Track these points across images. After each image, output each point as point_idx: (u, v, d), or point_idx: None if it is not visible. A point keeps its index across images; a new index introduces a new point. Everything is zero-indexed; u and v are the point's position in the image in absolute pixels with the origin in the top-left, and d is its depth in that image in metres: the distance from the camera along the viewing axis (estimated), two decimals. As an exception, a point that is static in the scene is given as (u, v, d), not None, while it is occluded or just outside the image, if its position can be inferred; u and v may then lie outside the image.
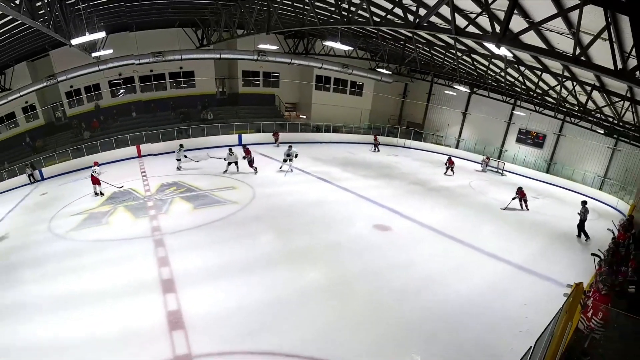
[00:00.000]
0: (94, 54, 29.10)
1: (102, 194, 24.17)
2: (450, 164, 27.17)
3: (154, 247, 16.57)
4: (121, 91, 42.21)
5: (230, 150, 28.38)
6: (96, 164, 24.30)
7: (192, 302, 12.30)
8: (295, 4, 20.89)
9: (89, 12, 23.44)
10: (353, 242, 17.28)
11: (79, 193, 26.41)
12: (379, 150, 37.04)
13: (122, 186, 23.76)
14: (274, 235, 17.89)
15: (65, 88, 40.03)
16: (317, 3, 19.73)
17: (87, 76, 36.99)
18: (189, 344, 10.40)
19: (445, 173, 26.84)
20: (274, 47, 33.84)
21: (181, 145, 30.81)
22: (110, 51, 29.66)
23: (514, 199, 24.49)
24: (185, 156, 30.48)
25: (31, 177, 34.77)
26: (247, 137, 38.12)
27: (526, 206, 25.04)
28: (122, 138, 36.01)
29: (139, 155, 35.70)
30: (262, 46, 33.67)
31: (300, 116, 47.38)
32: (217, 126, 38.39)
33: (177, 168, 30.10)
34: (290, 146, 29.21)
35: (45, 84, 35.04)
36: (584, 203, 20.71)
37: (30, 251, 18.37)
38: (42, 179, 35.07)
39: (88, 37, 20.63)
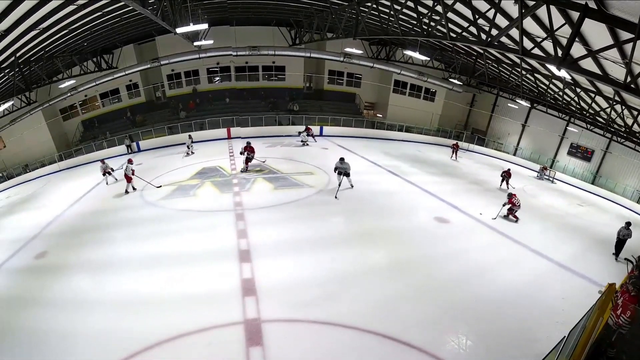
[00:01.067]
0: (195, 43, 31.58)
1: (134, 189, 24.01)
2: (507, 176, 27.56)
3: (235, 220, 17.75)
4: (217, 78, 45.85)
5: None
6: (130, 161, 24.84)
7: (264, 272, 13.25)
8: (381, 15, 21.62)
9: (194, 4, 25.19)
10: (414, 229, 18.11)
11: (171, 166, 28.75)
12: (456, 159, 37.27)
13: (160, 186, 23.60)
14: (344, 217, 18.84)
15: (167, 71, 44.15)
16: (400, 16, 20.72)
17: (188, 62, 40.11)
18: (259, 309, 11.23)
19: (499, 187, 27.19)
20: (359, 52, 35.42)
21: (190, 137, 33.40)
22: (211, 42, 31.76)
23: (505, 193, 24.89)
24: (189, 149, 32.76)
25: (129, 148, 37.71)
26: (327, 129, 40.47)
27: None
28: (214, 120, 39.02)
29: (229, 137, 38.44)
30: (348, 50, 35.38)
31: (377, 115, 49.28)
32: (302, 117, 40.75)
33: (187, 154, 32.39)
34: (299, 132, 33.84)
35: (149, 65, 38.01)
36: (628, 225, 19.48)
37: (123, 214, 20.40)
38: (139, 150, 38.13)
39: (192, 27, 22.24)
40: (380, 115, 48.88)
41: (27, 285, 14.43)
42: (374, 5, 21.04)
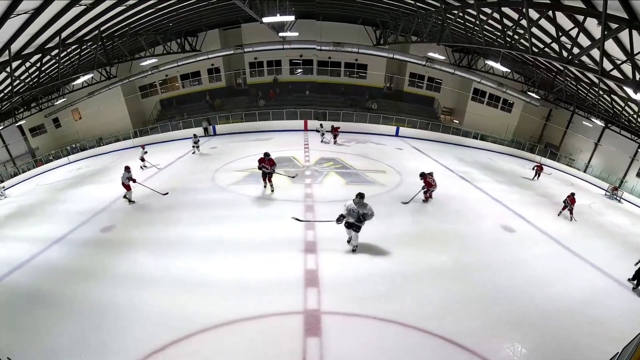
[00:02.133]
0: (280, 34, 32.45)
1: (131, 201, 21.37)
2: (571, 203, 26.30)
3: (304, 211, 17.77)
4: (299, 70, 46.81)
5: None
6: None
7: (328, 265, 13.24)
8: (466, 23, 21.67)
9: (283, -4, 25.52)
10: (480, 235, 17.80)
11: (244, 153, 29.21)
12: (537, 179, 34.79)
13: (167, 193, 21.81)
14: (411, 218, 18.56)
15: (250, 59, 45.51)
16: (485, 26, 20.61)
17: (271, 52, 41.38)
18: (320, 301, 11.31)
19: (559, 213, 26.14)
20: (442, 57, 36.11)
21: (195, 135, 33.05)
22: (296, 34, 32.94)
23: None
24: (195, 145, 32.33)
25: (206, 131, 38.86)
26: (403, 130, 40.71)
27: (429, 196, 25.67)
28: (292, 111, 39.88)
29: (305, 129, 39.11)
30: (431, 54, 35.73)
31: (454, 120, 49.24)
32: (380, 116, 41.17)
33: (192, 153, 32.20)
34: (321, 125, 33.27)
35: (232, 52, 39.16)
36: None
37: (192, 196, 20.96)
38: (215, 134, 39.37)
39: (278, 18, 22.93)
40: (457, 121, 48.77)
41: (90, 258, 15.04)
42: (460, 14, 21.17)
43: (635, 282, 15.49)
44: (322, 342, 9.88)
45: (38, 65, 21.86)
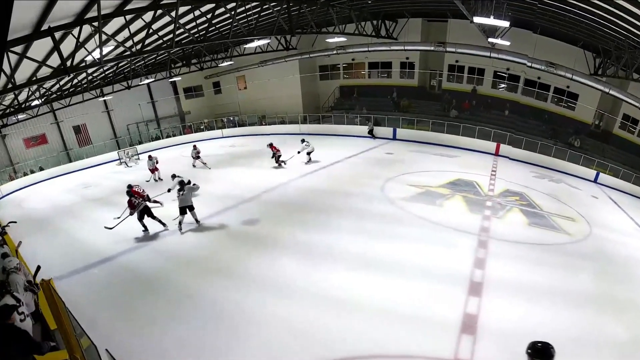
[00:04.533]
0: (490, 39, 29.69)
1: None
2: None
3: (476, 245, 16.37)
4: (502, 85, 41.64)
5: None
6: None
7: (492, 311, 12.05)
8: None
9: (501, -2, 23.05)
10: None
11: (423, 165, 27.58)
12: None
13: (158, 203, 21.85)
14: (593, 276, 15.89)
15: (450, 60, 41.72)
16: None
17: (475, 58, 37.15)
18: (474, 352, 10.26)
19: None
20: None
21: (194, 146, 32.55)
22: (507, 43, 29.79)
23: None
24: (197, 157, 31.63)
25: (371, 133, 37.53)
26: (604, 177, 34.62)
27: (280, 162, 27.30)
28: (485, 131, 35.95)
29: (496, 154, 35.42)
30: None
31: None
32: (581, 156, 35.56)
33: (193, 165, 31.97)
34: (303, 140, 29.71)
35: (432, 48, 35.77)
36: None
37: (354, 202, 20.12)
38: (394, 138, 37.42)
39: (491, 21, 20.86)
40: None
41: (227, 251, 15.18)
42: None
43: None
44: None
45: (209, 16, 20.31)
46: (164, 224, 18.58)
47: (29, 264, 13.69)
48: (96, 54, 16.43)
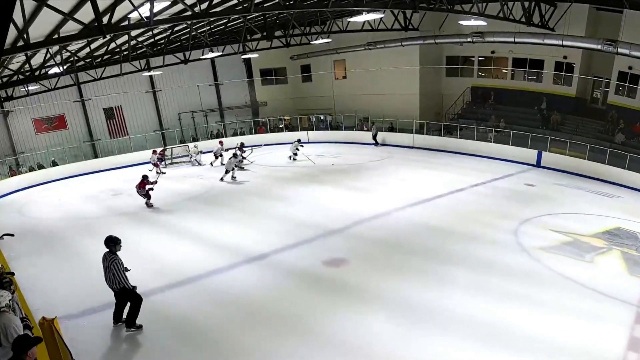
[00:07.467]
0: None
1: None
2: None
3: (633, 321, 12.30)
4: None
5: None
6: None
7: None
8: None
9: None
10: None
11: (575, 207, 21.90)
12: None
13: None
14: None
15: (621, 66, 31.02)
16: None
17: (658, 67, 26.78)
18: None
19: None
20: None
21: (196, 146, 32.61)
22: None
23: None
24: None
25: (375, 139, 34.85)
26: None
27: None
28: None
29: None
30: None
31: None
32: None
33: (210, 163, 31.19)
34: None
35: (599, 47, 27.13)
36: None
37: (473, 247, 16.80)
38: (538, 165, 30.58)
39: None
40: None
41: (302, 302, 12.89)
42: None
43: None
44: None
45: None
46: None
47: (24, 293, 12.04)
48: (144, 11, 14.20)
